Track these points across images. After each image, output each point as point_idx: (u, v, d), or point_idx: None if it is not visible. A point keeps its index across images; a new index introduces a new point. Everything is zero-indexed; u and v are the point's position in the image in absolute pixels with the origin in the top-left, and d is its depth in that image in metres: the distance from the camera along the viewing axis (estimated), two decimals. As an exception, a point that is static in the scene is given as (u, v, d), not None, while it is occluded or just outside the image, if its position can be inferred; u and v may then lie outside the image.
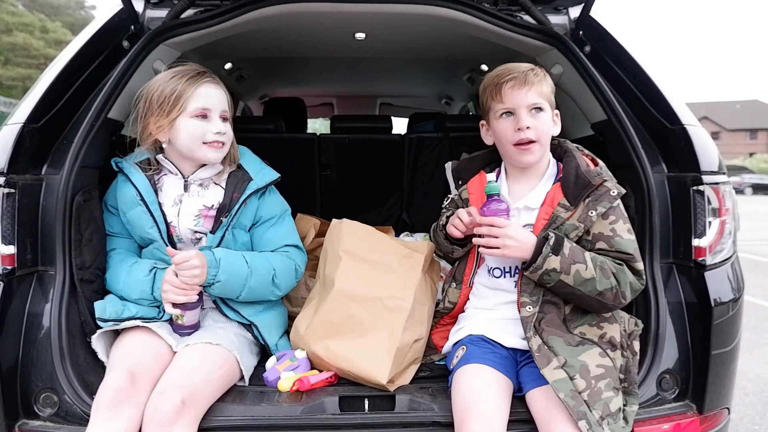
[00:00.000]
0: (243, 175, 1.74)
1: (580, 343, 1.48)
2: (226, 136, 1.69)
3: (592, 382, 1.39)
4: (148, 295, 1.63)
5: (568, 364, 1.42)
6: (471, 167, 1.77)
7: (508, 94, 1.60)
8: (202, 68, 1.72)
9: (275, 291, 1.72)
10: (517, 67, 1.62)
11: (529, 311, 1.53)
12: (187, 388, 1.40)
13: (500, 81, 1.61)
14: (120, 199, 1.71)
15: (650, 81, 1.81)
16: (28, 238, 1.55)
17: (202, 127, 1.65)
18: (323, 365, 1.66)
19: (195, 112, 1.65)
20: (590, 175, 1.57)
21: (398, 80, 3.97)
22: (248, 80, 3.66)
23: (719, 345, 1.59)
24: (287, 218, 1.82)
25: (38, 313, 1.53)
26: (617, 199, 1.54)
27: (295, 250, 1.79)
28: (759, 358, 4.02)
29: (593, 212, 1.52)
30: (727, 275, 1.65)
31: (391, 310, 1.63)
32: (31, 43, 23.72)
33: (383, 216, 2.96)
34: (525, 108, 1.58)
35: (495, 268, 1.66)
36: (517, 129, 1.58)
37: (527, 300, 1.54)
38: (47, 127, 1.63)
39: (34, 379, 1.50)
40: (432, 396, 1.54)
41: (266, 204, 1.77)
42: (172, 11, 1.92)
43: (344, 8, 1.96)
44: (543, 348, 1.46)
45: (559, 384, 1.38)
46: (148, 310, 1.64)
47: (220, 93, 1.70)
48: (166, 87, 1.65)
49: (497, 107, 1.62)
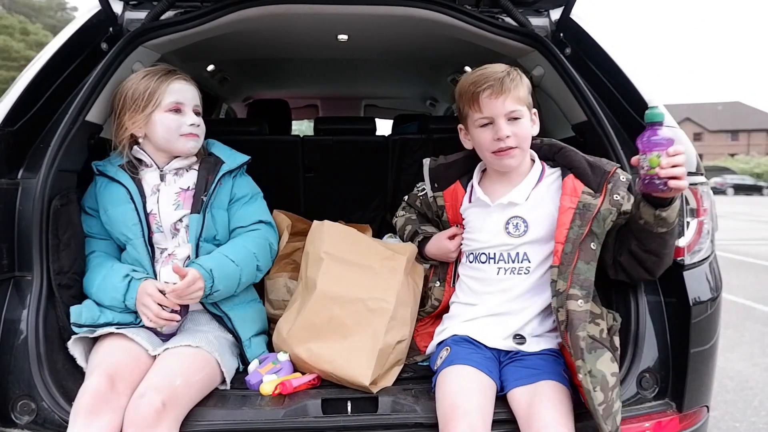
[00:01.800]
0: (215, 159, 1.82)
1: (593, 347, 1.47)
2: (200, 128, 1.77)
3: (609, 395, 1.39)
4: (119, 302, 1.62)
5: (593, 373, 1.40)
6: (447, 176, 1.78)
7: (486, 104, 1.59)
8: (171, 67, 1.80)
9: (258, 274, 1.79)
10: (492, 74, 1.60)
11: (581, 306, 1.45)
12: (167, 390, 1.39)
13: (477, 90, 1.59)
14: (104, 198, 1.71)
15: (629, 82, 1.83)
16: (4, 243, 1.52)
17: (177, 120, 1.73)
18: (306, 368, 1.65)
19: (169, 107, 1.72)
20: (602, 163, 1.59)
21: (382, 82, 3.97)
22: (231, 82, 3.64)
23: (698, 343, 1.60)
24: (259, 199, 1.89)
25: (15, 319, 1.51)
26: (627, 184, 1.56)
27: (267, 227, 1.84)
28: (740, 357, 4.07)
29: (618, 195, 1.53)
30: (706, 275, 1.67)
31: (373, 311, 1.63)
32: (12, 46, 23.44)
33: (367, 218, 2.95)
34: (503, 117, 1.58)
35: (481, 253, 1.67)
36: (497, 138, 1.58)
37: (578, 293, 1.47)
38: (23, 131, 1.61)
39: (11, 386, 1.47)
40: (415, 397, 1.54)
41: (239, 184, 1.83)
42: (152, 13, 1.90)
43: (325, 10, 1.96)
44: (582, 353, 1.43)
45: (588, 394, 1.38)
46: (124, 316, 1.62)
47: (191, 89, 1.79)
48: (140, 85, 1.72)
49: (475, 116, 1.62)
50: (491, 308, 1.63)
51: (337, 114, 4.60)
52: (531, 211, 1.62)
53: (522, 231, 1.62)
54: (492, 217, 1.66)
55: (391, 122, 4.27)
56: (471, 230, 1.71)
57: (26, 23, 25.54)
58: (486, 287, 1.65)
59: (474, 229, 1.70)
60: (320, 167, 2.95)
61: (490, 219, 1.66)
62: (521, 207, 1.63)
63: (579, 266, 1.50)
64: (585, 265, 1.50)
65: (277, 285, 2.00)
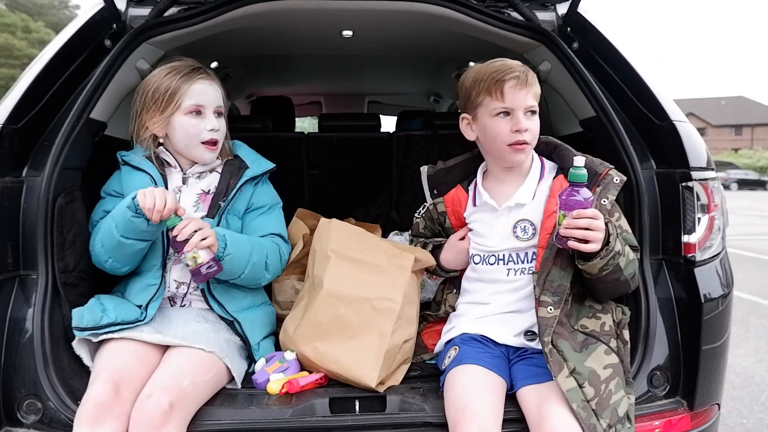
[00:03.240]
0: (240, 163, 1.80)
1: (584, 344, 1.47)
2: (220, 132, 1.74)
3: (602, 387, 1.38)
4: (130, 206, 1.53)
5: (577, 371, 1.40)
6: (447, 180, 1.76)
7: (510, 93, 1.55)
8: (197, 64, 1.76)
9: (266, 274, 1.74)
10: (515, 65, 1.58)
11: (551, 313, 1.47)
12: (174, 391, 1.38)
13: (501, 78, 1.55)
14: (128, 186, 1.70)
15: (638, 77, 1.81)
16: (9, 241, 1.51)
17: (196, 125, 1.69)
18: (313, 367, 1.64)
19: (189, 109, 1.69)
20: (594, 164, 1.57)
21: (386, 78, 3.95)
22: (235, 79, 3.62)
23: (709, 341, 1.59)
24: (277, 210, 1.85)
25: (20, 318, 1.50)
26: (620, 186, 1.54)
27: (281, 240, 1.81)
28: (746, 352, 4.06)
29: (605, 200, 1.52)
30: (717, 271, 1.65)
31: (379, 311, 1.61)
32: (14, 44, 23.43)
33: (372, 214, 2.95)
34: (522, 110, 1.56)
35: (489, 256, 1.64)
36: (515, 131, 1.55)
37: (549, 300, 1.49)
38: (27, 128, 1.60)
39: (17, 385, 1.46)
40: (423, 396, 1.53)
41: (259, 193, 1.81)
42: (155, 9, 1.89)
43: (331, 5, 1.94)
44: (554, 353, 1.43)
45: (572, 394, 1.36)
46: (128, 313, 1.59)
47: (214, 88, 1.74)
48: (162, 84, 1.69)
49: (494, 105, 1.57)
50: (502, 306, 1.62)
51: (341, 110, 4.57)
52: (538, 212, 1.60)
53: (530, 234, 1.60)
54: (499, 221, 1.64)
55: (395, 119, 4.26)
56: (478, 234, 1.68)
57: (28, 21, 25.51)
58: (497, 287, 1.64)
59: (481, 233, 1.67)
60: (325, 164, 2.94)
61: (498, 223, 1.64)
62: (528, 207, 1.61)
63: (552, 273, 1.50)
64: (560, 272, 1.50)
65: (284, 287, 1.99)
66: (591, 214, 1.37)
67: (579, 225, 1.36)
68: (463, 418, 1.35)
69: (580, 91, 1.85)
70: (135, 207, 1.53)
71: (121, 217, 1.55)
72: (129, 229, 1.56)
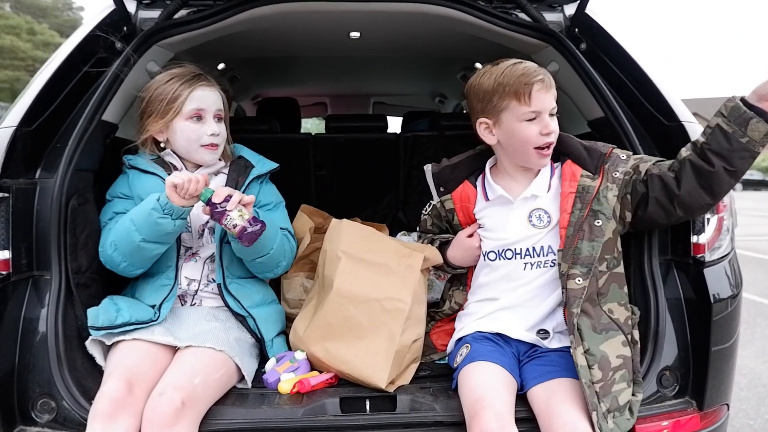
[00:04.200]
0: (245, 162, 1.84)
1: (606, 328, 1.49)
2: (220, 137, 1.76)
3: (609, 374, 1.41)
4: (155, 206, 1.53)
5: (590, 352, 1.43)
6: (454, 176, 1.75)
7: (537, 97, 1.54)
8: (198, 70, 1.78)
9: (282, 261, 1.76)
10: (538, 68, 1.58)
11: (579, 284, 1.49)
12: (186, 389, 1.39)
13: (529, 81, 1.53)
14: (139, 189, 1.71)
15: (646, 77, 1.81)
16: (23, 242, 1.53)
17: (196, 130, 1.72)
18: (323, 367, 1.65)
19: (190, 114, 1.72)
20: (597, 146, 1.62)
21: (392, 79, 3.96)
22: (241, 80, 3.64)
23: (719, 341, 1.59)
24: (282, 207, 1.89)
25: (34, 318, 1.51)
26: (628, 160, 1.58)
27: (289, 234, 1.84)
28: (753, 353, 4.05)
29: (617, 173, 1.56)
30: (726, 272, 1.65)
31: (389, 311, 1.61)
32: (19, 46, 23.51)
33: (379, 215, 2.95)
34: (547, 112, 1.57)
35: (506, 249, 1.64)
36: (546, 133, 1.56)
37: (577, 271, 1.50)
38: (40, 131, 1.61)
39: (31, 384, 1.48)
40: (434, 396, 1.54)
41: (264, 191, 1.84)
42: (165, 12, 1.91)
43: (339, 7, 1.95)
44: (575, 330, 1.46)
45: (582, 371, 1.40)
46: (141, 313, 1.61)
47: (214, 94, 1.77)
48: (163, 89, 1.72)
49: (523, 110, 1.55)
50: (514, 299, 1.62)
51: (346, 111, 4.59)
52: (553, 202, 1.61)
53: (546, 222, 1.61)
54: (515, 212, 1.64)
55: (401, 119, 4.26)
56: (492, 229, 1.68)
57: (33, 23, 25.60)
58: (510, 283, 1.64)
59: (495, 228, 1.67)
60: (331, 165, 2.95)
61: (513, 215, 1.64)
62: (543, 199, 1.62)
63: (579, 246, 1.52)
64: (588, 244, 1.52)
65: (293, 284, 2.00)
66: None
67: None
68: (481, 407, 1.35)
69: (588, 92, 1.86)
70: (162, 207, 1.54)
71: (145, 220, 1.56)
72: (154, 232, 1.56)
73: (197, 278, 1.75)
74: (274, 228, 1.71)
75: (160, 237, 1.59)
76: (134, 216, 1.59)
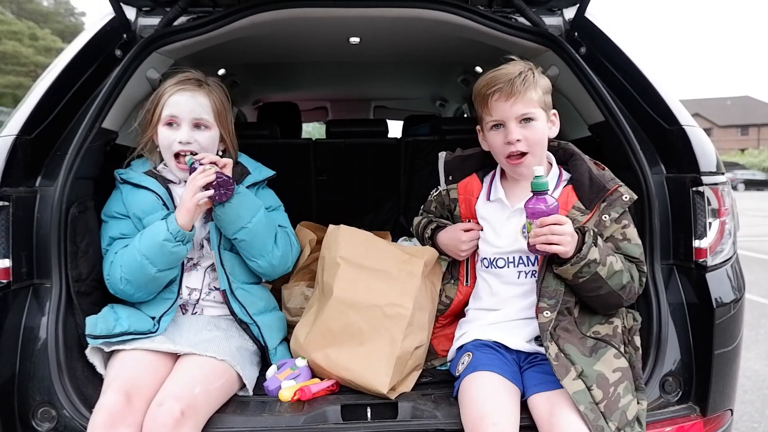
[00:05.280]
0: (242, 169, 1.83)
1: (594, 348, 1.48)
2: (194, 145, 1.71)
3: (610, 390, 1.39)
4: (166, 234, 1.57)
5: (584, 374, 1.41)
6: (463, 167, 1.76)
7: (495, 107, 1.58)
8: (193, 75, 1.76)
9: (275, 250, 1.74)
10: (504, 76, 1.57)
11: (547, 317, 1.49)
12: (186, 398, 1.39)
13: (486, 92, 1.58)
14: (134, 206, 1.71)
15: (647, 81, 1.81)
16: (23, 251, 1.53)
17: (168, 137, 1.71)
18: (324, 374, 1.64)
19: (165, 120, 1.71)
20: (605, 179, 1.58)
21: (392, 83, 3.95)
22: (242, 86, 3.64)
23: (721, 345, 1.58)
24: (281, 210, 1.90)
25: (35, 326, 1.51)
26: (629, 204, 1.56)
27: (291, 232, 1.85)
28: (757, 355, 4.03)
29: (607, 217, 1.54)
30: (728, 275, 1.65)
31: (390, 317, 1.61)
32: (21, 51, 23.54)
33: (380, 220, 2.95)
34: (513, 120, 1.56)
35: (498, 258, 1.64)
36: (507, 142, 1.57)
37: (545, 305, 1.51)
38: (40, 139, 1.61)
39: (32, 393, 1.48)
40: (435, 403, 1.53)
41: (262, 196, 1.83)
42: (165, 19, 1.90)
43: (338, 13, 1.95)
44: (560, 356, 1.44)
45: (579, 396, 1.37)
46: (141, 323, 1.60)
47: (194, 100, 1.71)
48: (155, 94, 1.74)
49: (487, 119, 1.61)
50: (514, 313, 1.62)
51: (347, 115, 4.58)
52: None
53: None
54: (510, 221, 1.64)
55: (401, 123, 4.26)
56: (487, 236, 1.69)
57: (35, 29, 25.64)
58: (508, 291, 1.64)
59: (490, 235, 1.68)
60: (332, 170, 2.95)
61: (509, 223, 1.64)
62: None
63: (547, 279, 1.51)
64: (554, 277, 1.51)
65: (294, 293, 2.00)
66: (553, 220, 1.42)
67: (542, 231, 1.42)
68: (482, 427, 1.35)
69: (589, 96, 1.85)
70: (174, 236, 1.56)
71: (158, 251, 1.57)
72: (169, 261, 1.60)
73: (198, 287, 1.75)
74: (254, 203, 1.70)
75: (175, 263, 1.63)
76: (144, 249, 1.58)
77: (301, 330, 1.73)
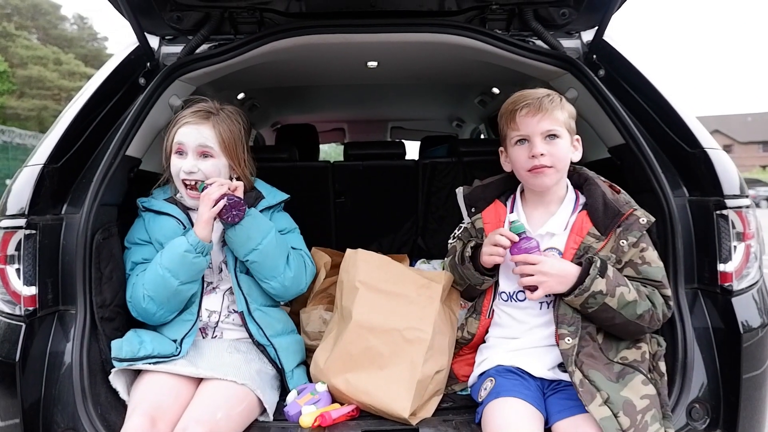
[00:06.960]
0: (257, 194, 1.86)
1: (621, 374, 1.45)
2: (199, 174, 1.73)
3: (638, 417, 1.36)
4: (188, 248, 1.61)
5: (611, 401, 1.38)
6: (485, 195, 1.76)
7: (522, 122, 1.60)
8: (200, 108, 1.77)
9: (287, 272, 1.74)
10: (532, 94, 1.62)
11: (569, 343, 1.49)
12: (209, 424, 1.40)
13: (514, 108, 1.61)
14: (156, 232, 1.74)
15: (667, 103, 1.80)
16: (49, 278, 1.55)
17: (176, 165, 1.75)
18: (344, 399, 1.64)
19: (175, 149, 1.76)
20: (619, 204, 1.57)
21: (409, 104, 3.98)
22: (261, 109, 3.69)
23: (750, 369, 1.55)
24: (296, 233, 1.91)
25: (60, 352, 1.53)
26: (647, 227, 1.54)
27: (305, 254, 1.86)
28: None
29: (624, 242, 1.53)
30: (755, 299, 1.61)
31: (410, 341, 1.61)
32: (46, 76, 24.17)
33: (398, 242, 2.95)
34: (539, 135, 1.58)
35: (518, 292, 1.63)
36: (531, 156, 1.58)
37: (566, 331, 1.50)
38: (67, 167, 1.65)
39: (57, 419, 1.49)
40: (456, 429, 1.52)
41: (276, 219, 1.86)
42: (187, 47, 1.95)
43: (357, 39, 1.98)
44: (585, 383, 1.42)
45: (606, 422, 1.35)
46: (164, 347, 1.62)
47: (198, 131, 1.74)
48: (171, 123, 1.79)
49: (512, 134, 1.63)
50: (535, 341, 1.60)
51: (364, 136, 4.62)
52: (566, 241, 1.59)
53: None
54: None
55: (418, 144, 4.27)
56: (506, 271, 1.65)
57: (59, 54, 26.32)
58: (529, 321, 1.62)
59: (509, 269, 1.62)
60: (351, 192, 2.96)
61: None
62: (558, 238, 1.60)
63: (563, 306, 1.52)
64: (570, 307, 1.52)
65: (312, 317, 2.00)
66: (521, 260, 1.51)
67: (525, 271, 1.51)
68: None
69: (608, 119, 1.85)
70: (194, 247, 1.60)
71: (180, 263, 1.61)
72: (190, 273, 1.63)
73: (217, 309, 1.77)
74: (265, 224, 1.72)
75: (196, 275, 1.66)
76: (166, 263, 1.62)
77: (320, 355, 1.72)
